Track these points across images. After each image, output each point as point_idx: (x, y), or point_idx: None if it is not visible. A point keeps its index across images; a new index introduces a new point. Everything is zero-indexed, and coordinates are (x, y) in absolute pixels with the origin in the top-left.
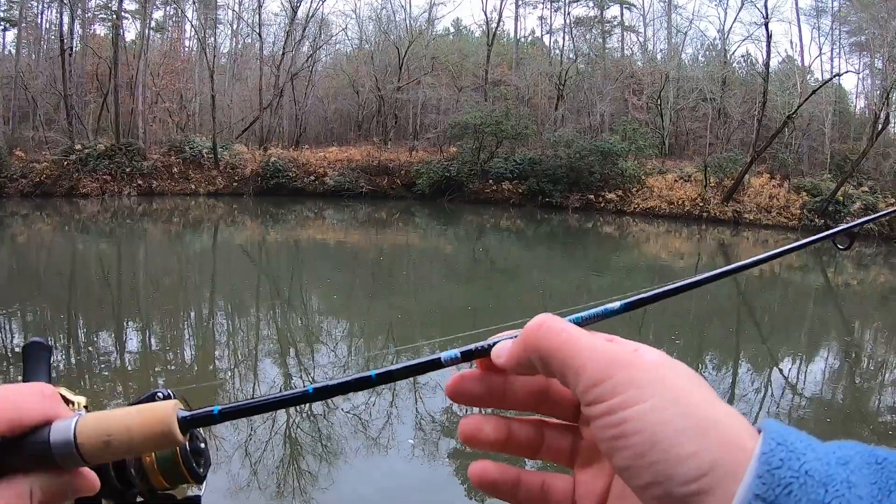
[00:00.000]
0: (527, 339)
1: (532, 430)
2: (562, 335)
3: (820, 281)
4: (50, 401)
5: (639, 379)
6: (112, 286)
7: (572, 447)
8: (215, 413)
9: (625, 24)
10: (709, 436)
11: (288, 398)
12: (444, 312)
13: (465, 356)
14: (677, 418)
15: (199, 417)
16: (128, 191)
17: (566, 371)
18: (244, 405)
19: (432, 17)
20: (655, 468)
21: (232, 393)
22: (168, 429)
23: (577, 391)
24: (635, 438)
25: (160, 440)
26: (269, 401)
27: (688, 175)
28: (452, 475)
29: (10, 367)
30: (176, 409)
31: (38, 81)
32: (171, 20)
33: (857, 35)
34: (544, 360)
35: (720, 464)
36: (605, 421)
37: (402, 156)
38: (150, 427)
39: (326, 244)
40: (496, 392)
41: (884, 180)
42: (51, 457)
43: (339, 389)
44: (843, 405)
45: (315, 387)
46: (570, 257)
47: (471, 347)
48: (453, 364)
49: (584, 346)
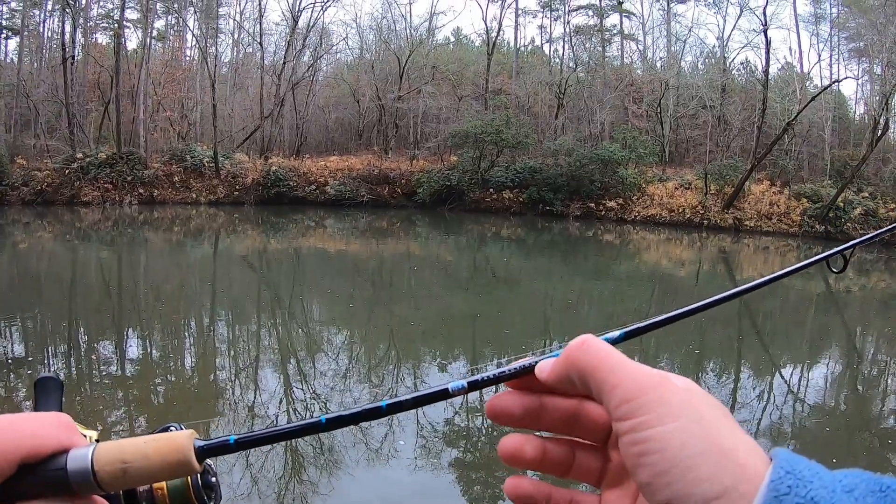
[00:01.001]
0: (569, 356)
1: (565, 451)
2: (600, 353)
3: (821, 287)
4: (67, 429)
5: (666, 400)
6: (113, 294)
7: (601, 469)
8: (231, 442)
9: (624, 33)
10: (725, 461)
11: (300, 428)
12: (446, 321)
13: (471, 386)
14: (697, 442)
15: (215, 446)
16: (129, 199)
17: (602, 387)
18: (259, 435)
19: (432, 26)
20: (674, 487)
21: (235, 413)
22: (185, 457)
23: (610, 407)
24: (657, 457)
25: (177, 468)
26: (283, 431)
27: (688, 183)
28: (453, 484)
29: (10, 374)
30: (192, 438)
31: (40, 90)
32: (172, 29)
33: (856, 41)
34: (583, 376)
35: (733, 488)
36: (632, 437)
37: (402, 165)
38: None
39: (327, 253)
40: (532, 413)
41: (884, 186)
42: (68, 484)
43: (350, 420)
44: (845, 413)
45: (327, 417)
46: (571, 265)
47: (477, 378)
48: (460, 394)
49: (619, 365)
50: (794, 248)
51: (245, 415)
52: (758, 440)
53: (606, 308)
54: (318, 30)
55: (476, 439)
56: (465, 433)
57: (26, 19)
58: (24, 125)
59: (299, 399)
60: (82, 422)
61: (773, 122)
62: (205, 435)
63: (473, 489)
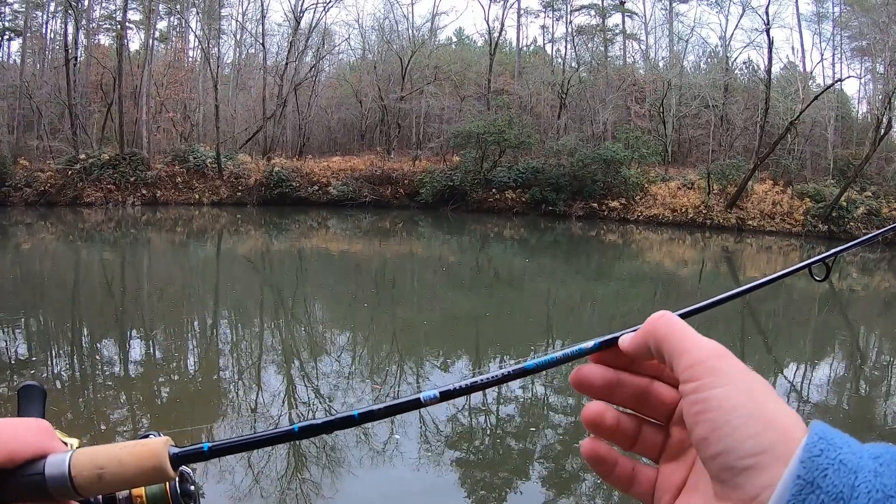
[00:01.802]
0: (648, 325)
1: (634, 425)
2: (674, 325)
3: (824, 286)
4: (46, 435)
5: (726, 368)
6: (116, 295)
7: (662, 444)
8: (205, 449)
9: (626, 33)
10: (769, 424)
11: (275, 436)
12: (449, 322)
13: (443, 396)
14: (748, 405)
15: (189, 453)
16: (132, 200)
17: (673, 352)
18: (233, 442)
19: (435, 26)
20: (724, 441)
21: (238, 414)
22: (159, 463)
23: (678, 369)
24: (713, 415)
25: (151, 474)
26: (257, 438)
27: (691, 182)
28: (457, 483)
29: (14, 375)
30: (167, 445)
31: (43, 91)
32: (174, 30)
33: (859, 40)
34: (658, 343)
35: (774, 447)
36: (694, 397)
37: (405, 165)
38: (141, 461)
39: (330, 254)
40: (609, 386)
41: (887, 185)
42: (45, 489)
43: (323, 428)
44: (848, 412)
45: (300, 425)
46: (574, 266)
47: (450, 387)
48: (432, 404)
49: (689, 335)
50: (797, 248)
51: (247, 416)
52: None
53: (609, 308)
54: (321, 30)
55: (480, 439)
56: (468, 432)
57: (29, 21)
58: (27, 126)
59: (302, 399)
60: (82, 421)
61: (775, 122)
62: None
63: (478, 489)
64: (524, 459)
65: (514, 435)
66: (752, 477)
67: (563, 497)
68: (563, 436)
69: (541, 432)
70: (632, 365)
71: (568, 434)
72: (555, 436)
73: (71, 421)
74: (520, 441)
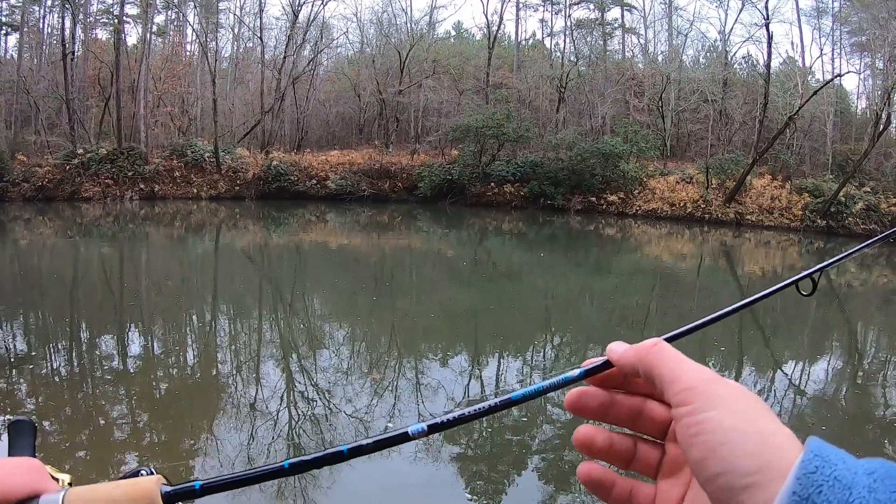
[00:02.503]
0: (639, 352)
1: (629, 444)
2: (665, 353)
3: (822, 282)
4: (38, 475)
5: (719, 391)
6: (114, 290)
7: (658, 461)
8: (196, 487)
9: (626, 27)
10: (765, 443)
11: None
12: (447, 316)
13: (431, 429)
14: (743, 425)
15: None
16: (130, 195)
17: (664, 378)
18: (225, 480)
19: (433, 20)
20: (723, 462)
21: (237, 410)
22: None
23: (670, 394)
24: (708, 437)
25: None
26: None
27: (689, 177)
28: (455, 476)
29: (12, 371)
30: (159, 484)
31: (41, 86)
32: (172, 24)
33: (858, 35)
34: (649, 370)
35: (771, 465)
36: (689, 420)
37: (403, 159)
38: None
39: (328, 248)
40: (603, 407)
41: (886, 180)
42: None
43: (313, 464)
44: (846, 408)
45: (290, 462)
46: (573, 259)
47: (437, 420)
48: (420, 437)
49: (680, 361)
50: (795, 243)
51: (246, 412)
52: None
53: (608, 302)
54: (319, 24)
55: (478, 433)
56: (466, 427)
57: (26, 15)
58: (25, 121)
59: (300, 394)
60: (80, 416)
61: (774, 117)
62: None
63: (476, 482)
64: (522, 452)
65: (512, 428)
66: (753, 495)
67: (560, 490)
68: (560, 429)
69: (539, 426)
70: (624, 384)
71: (566, 427)
72: (552, 429)
73: (69, 416)
74: (518, 434)
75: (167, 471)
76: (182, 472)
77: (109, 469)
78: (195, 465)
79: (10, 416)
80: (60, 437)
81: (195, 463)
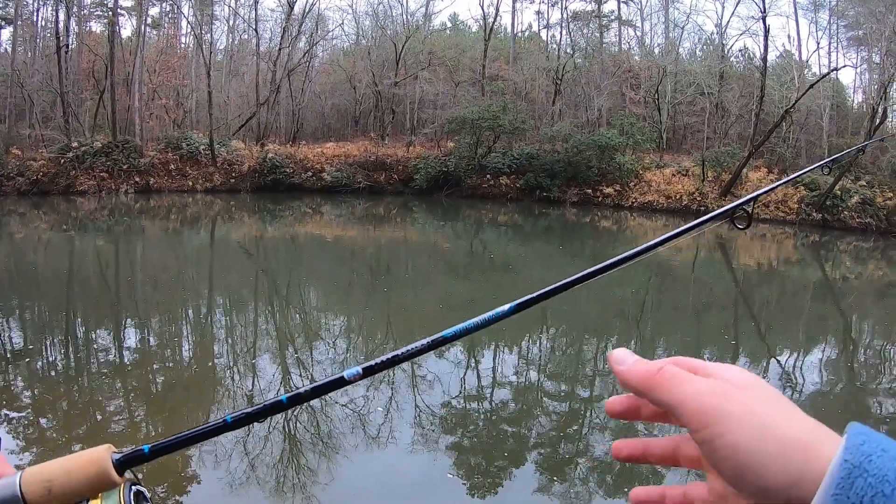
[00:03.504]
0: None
1: (666, 446)
2: (669, 378)
3: (818, 275)
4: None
5: (727, 411)
6: (110, 283)
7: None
8: (146, 451)
9: (622, 19)
10: (789, 452)
11: (209, 430)
12: (443, 307)
13: (366, 371)
14: (761, 444)
15: (131, 457)
16: (125, 188)
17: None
18: (171, 441)
19: (429, 11)
20: (755, 485)
21: (233, 402)
22: (103, 469)
23: (682, 420)
24: (731, 462)
25: (97, 481)
26: (193, 434)
27: (685, 169)
28: (453, 469)
29: (9, 367)
30: (109, 452)
31: (35, 79)
32: (167, 17)
33: (855, 29)
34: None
35: (804, 476)
36: (708, 447)
37: (399, 151)
38: (86, 469)
39: (324, 240)
40: (633, 409)
41: (881, 174)
42: None
43: (254, 416)
44: (842, 398)
45: (233, 416)
46: (568, 251)
47: (372, 363)
48: (356, 380)
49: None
50: (790, 236)
51: (242, 404)
52: None
53: (603, 294)
54: (314, 16)
55: (474, 425)
56: (462, 419)
57: (20, 8)
58: (19, 115)
59: (296, 386)
60: (77, 410)
61: (771, 110)
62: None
63: (473, 475)
64: (519, 445)
65: (509, 420)
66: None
67: (557, 482)
68: (557, 421)
69: (535, 418)
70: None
71: (562, 419)
72: (549, 421)
73: (66, 411)
74: (514, 426)
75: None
76: (178, 461)
77: None
78: (192, 455)
79: (7, 410)
80: (56, 431)
81: (192, 453)
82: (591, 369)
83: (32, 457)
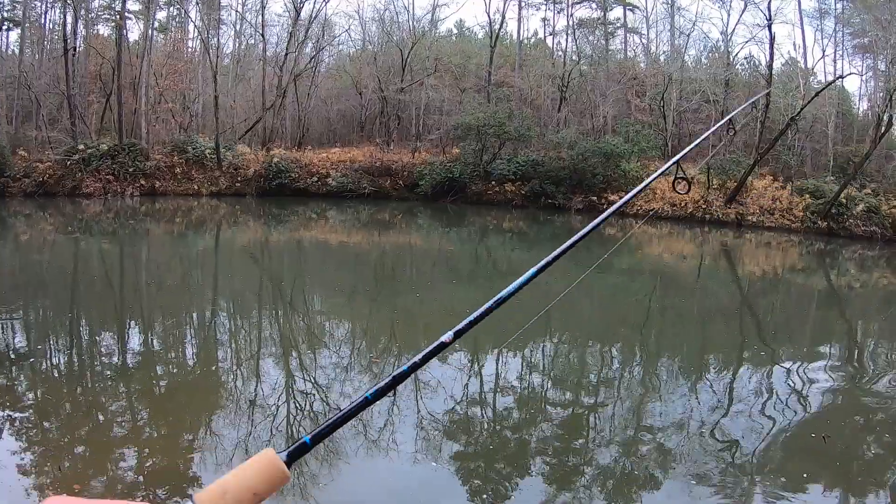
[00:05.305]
0: None
1: None
2: None
3: (822, 283)
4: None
5: None
6: (115, 286)
7: None
8: (307, 442)
9: (628, 26)
10: None
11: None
12: (447, 314)
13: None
14: None
15: (296, 451)
16: (130, 191)
17: None
18: (328, 424)
19: (435, 18)
20: None
21: (237, 406)
22: (277, 467)
23: None
24: None
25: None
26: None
27: (690, 177)
28: (454, 474)
29: (13, 367)
30: (274, 451)
31: (42, 81)
32: (174, 21)
33: (861, 37)
34: None
35: None
36: None
37: (404, 157)
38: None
39: (329, 245)
40: None
41: (887, 182)
42: None
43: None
44: (846, 408)
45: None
46: (573, 258)
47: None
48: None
49: None
50: (795, 244)
51: (246, 407)
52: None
53: (608, 301)
54: (321, 21)
55: (477, 431)
56: (464, 425)
57: (28, 10)
58: (26, 117)
59: (300, 390)
60: (80, 413)
61: (776, 118)
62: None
63: (474, 480)
64: (522, 452)
65: (512, 427)
66: None
67: (561, 490)
68: (561, 429)
69: (538, 425)
70: None
71: (566, 427)
72: (552, 429)
73: (69, 413)
74: (517, 433)
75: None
76: (181, 466)
77: (109, 465)
78: (193, 459)
79: (10, 412)
80: (60, 433)
81: (194, 457)
82: (596, 376)
83: (33, 456)
